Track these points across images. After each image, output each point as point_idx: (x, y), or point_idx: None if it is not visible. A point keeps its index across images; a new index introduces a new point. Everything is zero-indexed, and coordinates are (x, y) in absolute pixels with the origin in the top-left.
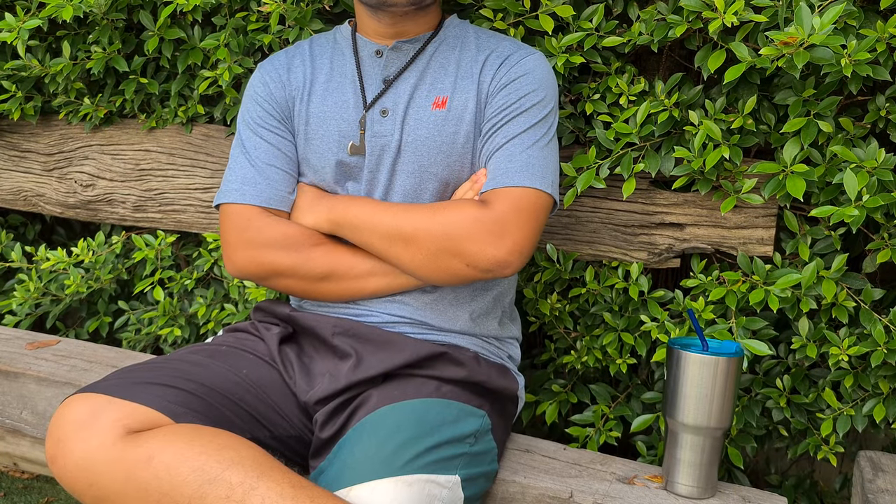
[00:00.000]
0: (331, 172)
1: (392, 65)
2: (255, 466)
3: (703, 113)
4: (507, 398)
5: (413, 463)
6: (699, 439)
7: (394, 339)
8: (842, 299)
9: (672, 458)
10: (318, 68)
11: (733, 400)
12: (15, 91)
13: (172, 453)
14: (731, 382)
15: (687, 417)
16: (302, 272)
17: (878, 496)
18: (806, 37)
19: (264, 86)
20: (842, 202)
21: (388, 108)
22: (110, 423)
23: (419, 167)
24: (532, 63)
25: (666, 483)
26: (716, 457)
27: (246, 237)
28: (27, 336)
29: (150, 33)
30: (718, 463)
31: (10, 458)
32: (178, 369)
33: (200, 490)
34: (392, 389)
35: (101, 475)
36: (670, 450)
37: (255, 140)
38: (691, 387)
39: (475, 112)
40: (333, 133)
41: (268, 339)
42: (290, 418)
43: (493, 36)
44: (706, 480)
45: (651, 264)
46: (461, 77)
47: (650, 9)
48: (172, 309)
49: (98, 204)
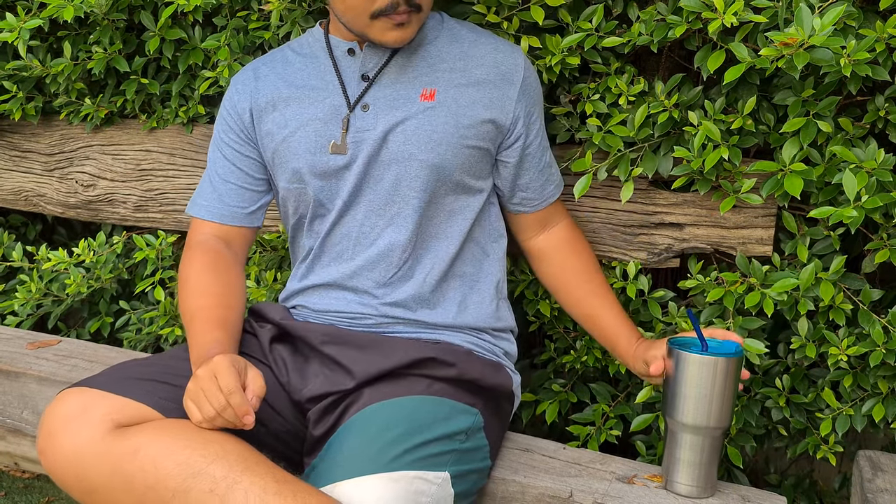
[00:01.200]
0: (313, 174)
1: (370, 61)
2: (240, 461)
3: (702, 113)
4: (502, 396)
5: (400, 459)
6: (698, 439)
7: (384, 342)
8: (839, 302)
9: (671, 457)
10: (292, 73)
11: (733, 400)
12: (16, 91)
13: (158, 447)
14: (730, 382)
15: (686, 417)
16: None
17: (877, 496)
18: (806, 38)
19: (230, 99)
20: (841, 202)
21: (369, 103)
22: (100, 418)
23: (407, 155)
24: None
25: (665, 482)
26: (715, 456)
27: (188, 246)
28: (28, 336)
29: (151, 34)
30: (718, 462)
31: (11, 458)
32: (171, 366)
33: (185, 483)
34: (383, 387)
35: (89, 468)
36: (670, 449)
37: (216, 154)
38: (691, 387)
39: (477, 105)
40: (311, 135)
41: (261, 335)
42: (285, 414)
43: (473, 30)
44: (706, 480)
45: (650, 264)
46: (447, 70)
47: (650, 9)
48: (173, 309)
49: (99, 204)
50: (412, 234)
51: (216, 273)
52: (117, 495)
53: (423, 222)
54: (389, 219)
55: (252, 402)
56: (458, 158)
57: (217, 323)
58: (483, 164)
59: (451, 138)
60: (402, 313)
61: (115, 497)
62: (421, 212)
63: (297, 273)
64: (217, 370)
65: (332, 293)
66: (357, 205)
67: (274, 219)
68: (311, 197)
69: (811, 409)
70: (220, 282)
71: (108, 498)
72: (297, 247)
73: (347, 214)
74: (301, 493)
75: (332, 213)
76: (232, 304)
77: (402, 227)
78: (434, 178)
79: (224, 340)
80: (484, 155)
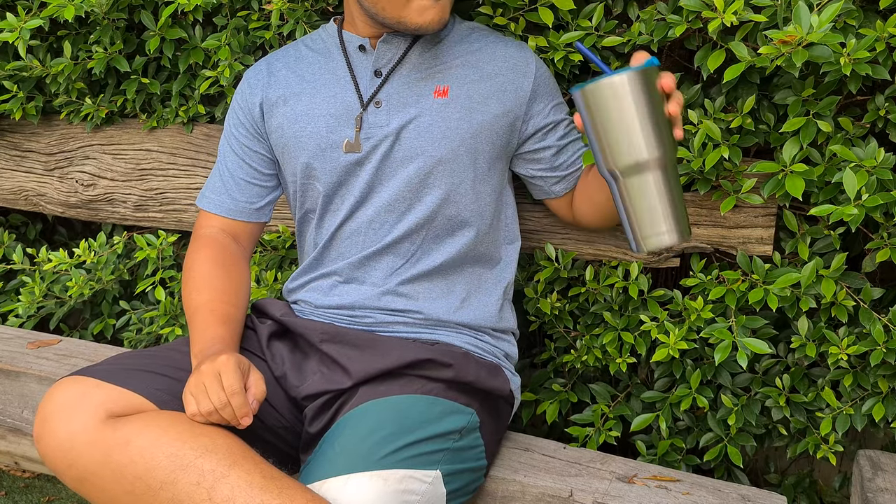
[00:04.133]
0: (324, 170)
1: (383, 57)
2: (228, 455)
3: (702, 112)
4: (499, 397)
5: (390, 457)
6: (641, 179)
7: (381, 342)
8: (841, 298)
9: (626, 218)
10: (305, 68)
11: (661, 121)
12: (16, 91)
13: (149, 438)
14: (651, 100)
15: (617, 160)
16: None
17: (877, 495)
18: (804, 35)
19: (241, 93)
20: (841, 201)
21: (381, 100)
22: (94, 407)
23: (421, 152)
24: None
25: (632, 245)
26: (671, 196)
27: (194, 237)
28: (28, 335)
29: (152, 33)
30: (681, 204)
31: (12, 458)
32: (169, 358)
33: (173, 475)
34: (378, 386)
35: (80, 456)
36: (620, 213)
37: (226, 148)
38: (609, 123)
39: (489, 102)
40: (322, 130)
41: (260, 331)
42: (281, 410)
43: (482, 29)
44: (674, 222)
45: (651, 263)
46: (459, 66)
47: (650, 9)
48: (173, 308)
49: (99, 203)
50: (422, 230)
51: (222, 267)
52: (107, 484)
53: (434, 219)
54: (399, 215)
55: (252, 404)
56: (473, 155)
57: (221, 318)
58: (497, 160)
59: (466, 134)
60: (403, 304)
61: (105, 485)
62: (433, 208)
63: (304, 266)
64: (222, 369)
65: (336, 286)
66: (368, 202)
67: (275, 219)
68: (319, 192)
69: (811, 408)
70: (226, 276)
71: (99, 486)
72: (304, 240)
73: (359, 211)
74: (288, 490)
75: (343, 210)
76: (235, 301)
77: (413, 222)
78: (447, 175)
79: (227, 337)
80: (500, 151)
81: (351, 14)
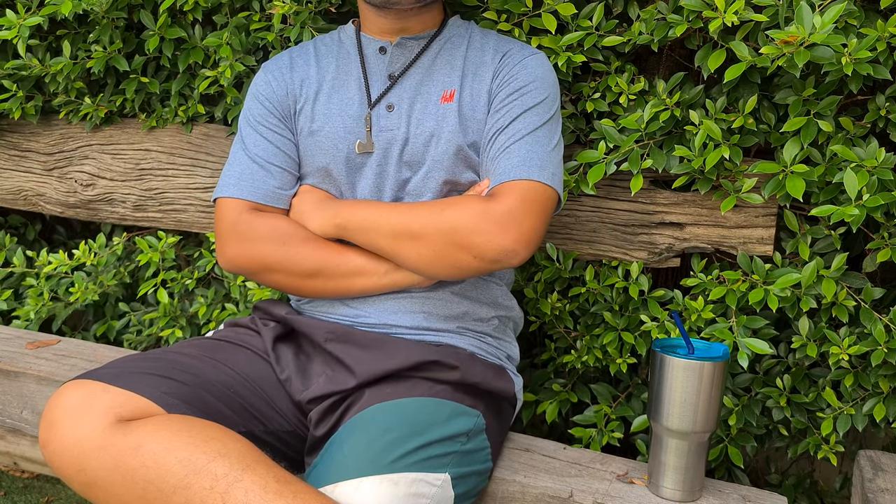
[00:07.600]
0: (340, 171)
1: (397, 61)
2: (241, 459)
3: (703, 112)
4: (503, 399)
5: (401, 461)
6: (684, 444)
7: (387, 343)
8: (842, 298)
9: (656, 461)
10: (323, 68)
11: (719, 404)
12: (15, 90)
13: (160, 442)
14: (716, 387)
15: (671, 422)
16: (290, 267)
17: (877, 495)
18: (807, 36)
19: (267, 84)
20: (842, 201)
21: (393, 104)
22: (102, 411)
23: (428, 159)
24: (534, 63)
25: (649, 485)
26: (701, 460)
27: (237, 230)
28: (28, 335)
29: (151, 32)
30: (704, 465)
31: (11, 458)
32: (175, 361)
33: (185, 480)
34: (385, 388)
35: (89, 461)
36: (655, 453)
37: (255, 137)
38: (675, 392)
39: (485, 106)
40: (340, 131)
41: (264, 333)
42: (285, 413)
43: (496, 36)
44: (691, 484)
45: (651, 264)
46: (468, 72)
47: (650, 8)
48: (173, 309)
49: (98, 203)
50: None
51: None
52: (117, 489)
53: None
54: None
55: None
56: (471, 160)
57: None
58: None
59: (465, 140)
60: (407, 307)
61: (116, 491)
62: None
63: None
64: None
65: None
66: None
67: None
68: (332, 193)
69: (812, 408)
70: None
71: (109, 491)
72: None
73: None
74: (302, 494)
75: None
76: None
77: None
78: (447, 180)
79: None
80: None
81: (365, 16)
